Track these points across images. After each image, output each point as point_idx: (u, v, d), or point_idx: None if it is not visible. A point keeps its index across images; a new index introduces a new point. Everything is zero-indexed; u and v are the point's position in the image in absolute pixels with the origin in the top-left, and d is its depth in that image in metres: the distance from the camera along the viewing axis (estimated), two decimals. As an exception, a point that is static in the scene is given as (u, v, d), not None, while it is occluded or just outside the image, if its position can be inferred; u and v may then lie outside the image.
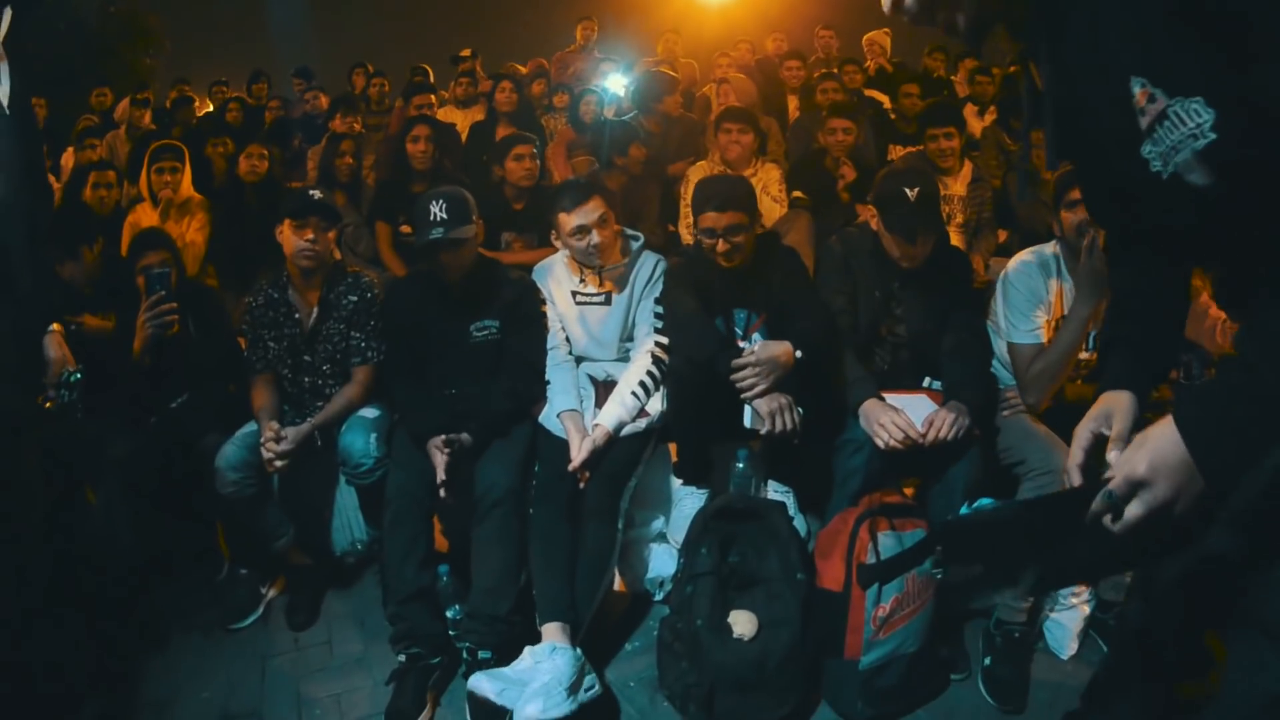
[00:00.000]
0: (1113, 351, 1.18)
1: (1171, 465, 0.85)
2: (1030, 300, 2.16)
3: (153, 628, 2.36)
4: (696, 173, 3.55)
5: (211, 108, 7.22)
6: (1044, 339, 2.14)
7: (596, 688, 1.90)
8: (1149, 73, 0.83)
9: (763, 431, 2.11)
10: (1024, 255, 2.25)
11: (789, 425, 2.08)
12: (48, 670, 1.78)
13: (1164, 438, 0.86)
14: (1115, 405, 1.09)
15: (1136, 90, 0.84)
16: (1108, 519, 0.90)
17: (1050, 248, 2.23)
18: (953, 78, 6.24)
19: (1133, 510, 0.88)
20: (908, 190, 2.12)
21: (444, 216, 2.27)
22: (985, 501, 1.71)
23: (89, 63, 10.77)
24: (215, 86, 7.59)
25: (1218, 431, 0.85)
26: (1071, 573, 1.17)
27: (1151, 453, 0.86)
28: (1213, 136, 0.80)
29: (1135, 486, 0.87)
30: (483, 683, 1.81)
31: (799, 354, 2.11)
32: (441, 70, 6.86)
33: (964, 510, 1.54)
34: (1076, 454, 1.07)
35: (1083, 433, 1.09)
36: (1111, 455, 1.01)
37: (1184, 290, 1.15)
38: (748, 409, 2.12)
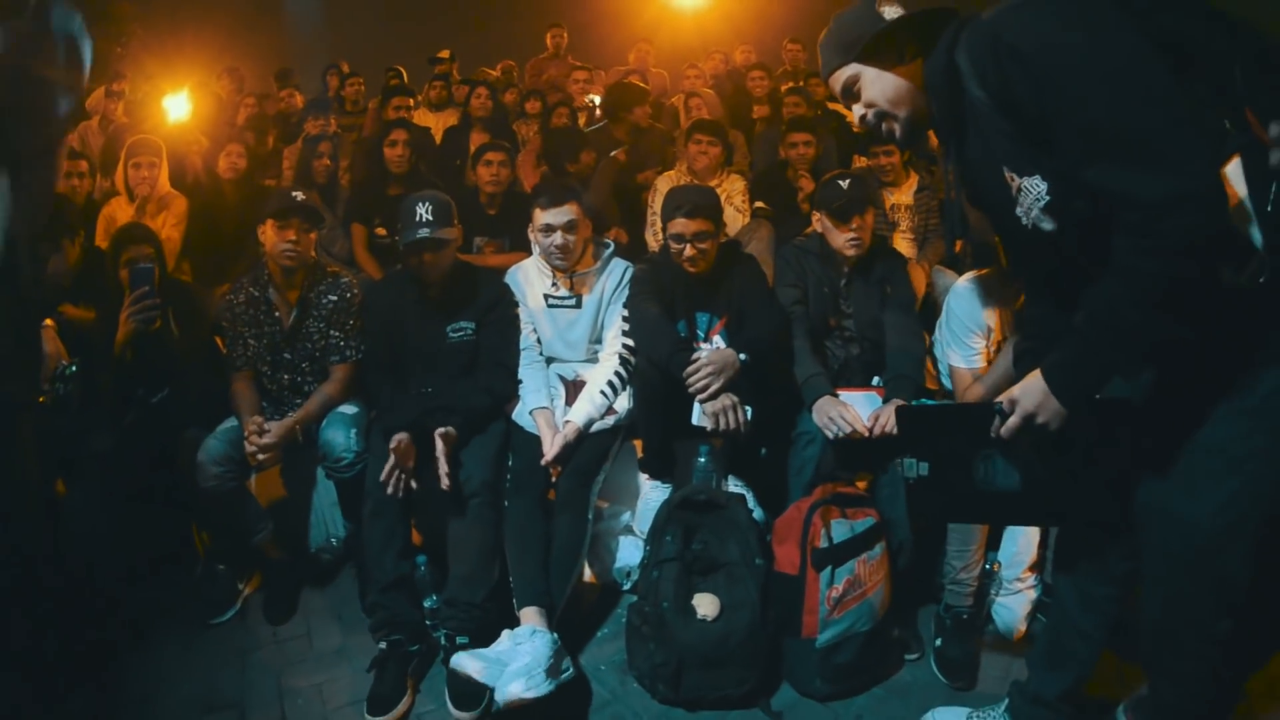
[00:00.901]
0: (1022, 359, 1.63)
1: (1034, 391, 1.35)
2: (968, 327, 2.27)
3: (131, 623, 2.38)
4: (665, 182, 3.66)
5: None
6: (982, 364, 2.26)
7: (571, 670, 2.00)
8: (1009, 163, 1.30)
9: (708, 429, 2.24)
10: (966, 281, 2.33)
11: (733, 424, 2.21)
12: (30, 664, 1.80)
13: (1033, 376, 1.36)
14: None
15: (1006, 173, 1.31)
16: (999, 426, 1.40)
17: (994, 272, 2.31)
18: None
19: (1012, 420, 1.38)
20: (840, 182, 2.45)
21: (430, 217, 2.38)
22: (926, 401, 2.10)
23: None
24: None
25: (1062, 370, 1.33)
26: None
27: (1023, 385, 1.37)
28: (1048, 198, 1.27)
29: (1013, 404, 1.38)
30: (465, 661, 1.89)
31: (743, 358, 2.25)
32: (415, 70, 6.88)
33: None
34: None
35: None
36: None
37: None
38: (696, 407, 2.26)
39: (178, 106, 5.69)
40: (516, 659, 1.87)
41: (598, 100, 5.03)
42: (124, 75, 6.52)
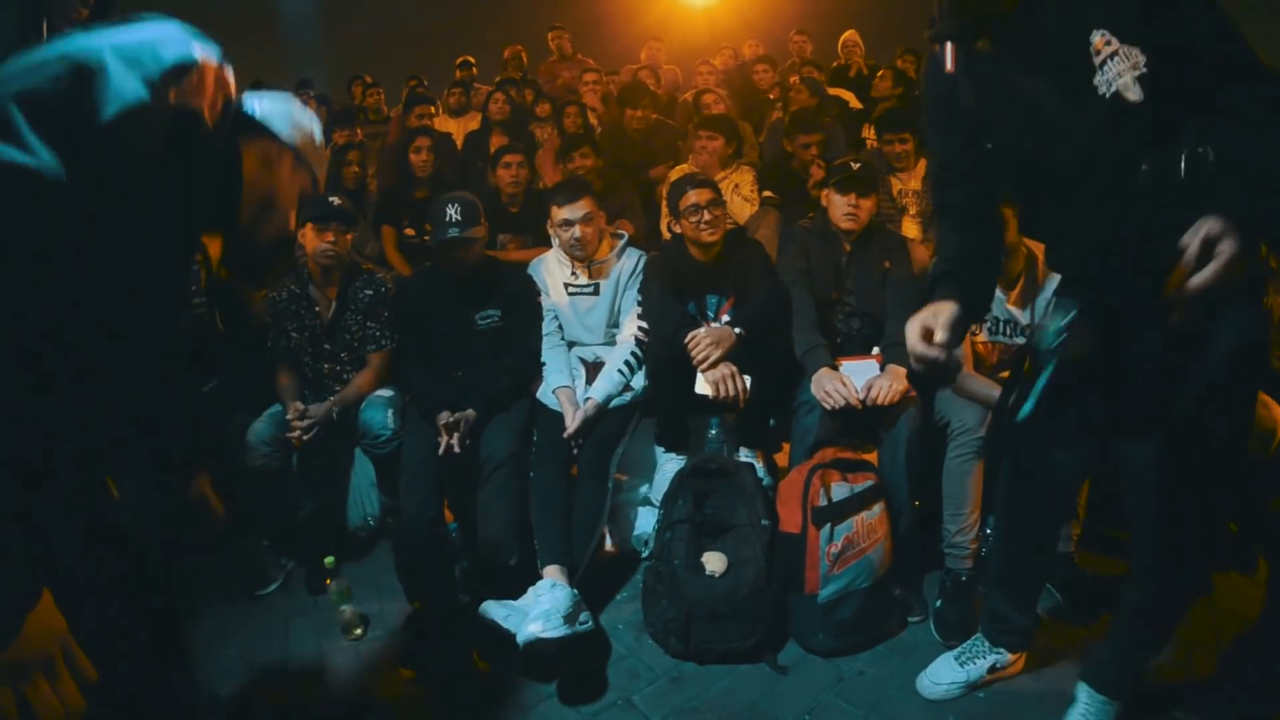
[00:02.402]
0: (944, 279, 1.54)
1: (1230, 225, 1.09)
2: None
3: (181, 598, 2.53)
4: (677, 175, 3.76)
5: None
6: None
7: (590, 623, 2.15)
8: (1109, 26, 1.24)
9: (710, 397, 2.38)
10: None
11: (732, 392, 2.36)
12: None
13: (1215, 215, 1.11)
14: (942, 309, 1.45)
15: (1096, 38, 1.25)
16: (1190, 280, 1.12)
17: None
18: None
19: (1217, 264, 1.09)
20: (852, 164, 2.61)
21: (459, 218, 2.57)
22: None
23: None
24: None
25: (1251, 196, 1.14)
26: None
27: (1219, 218, 1.10)
28: (1145, 69, 1.22)
29: (1211, 243, 1.10)
30: (491, 608, 2.07)
31: (738, 331, 2.41)
32: (436, 76, 7.08)
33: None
34: (913, 340, 1.44)
35: (914, 325, 1.45)
36: (936, 345, 1.41)
37: (999, 238, 1.63)
38: (699, 376, 2.41)
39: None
40: (537, 607, 2.03)
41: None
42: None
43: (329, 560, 2.37)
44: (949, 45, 1.40)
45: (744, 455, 2.56)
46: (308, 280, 2.74)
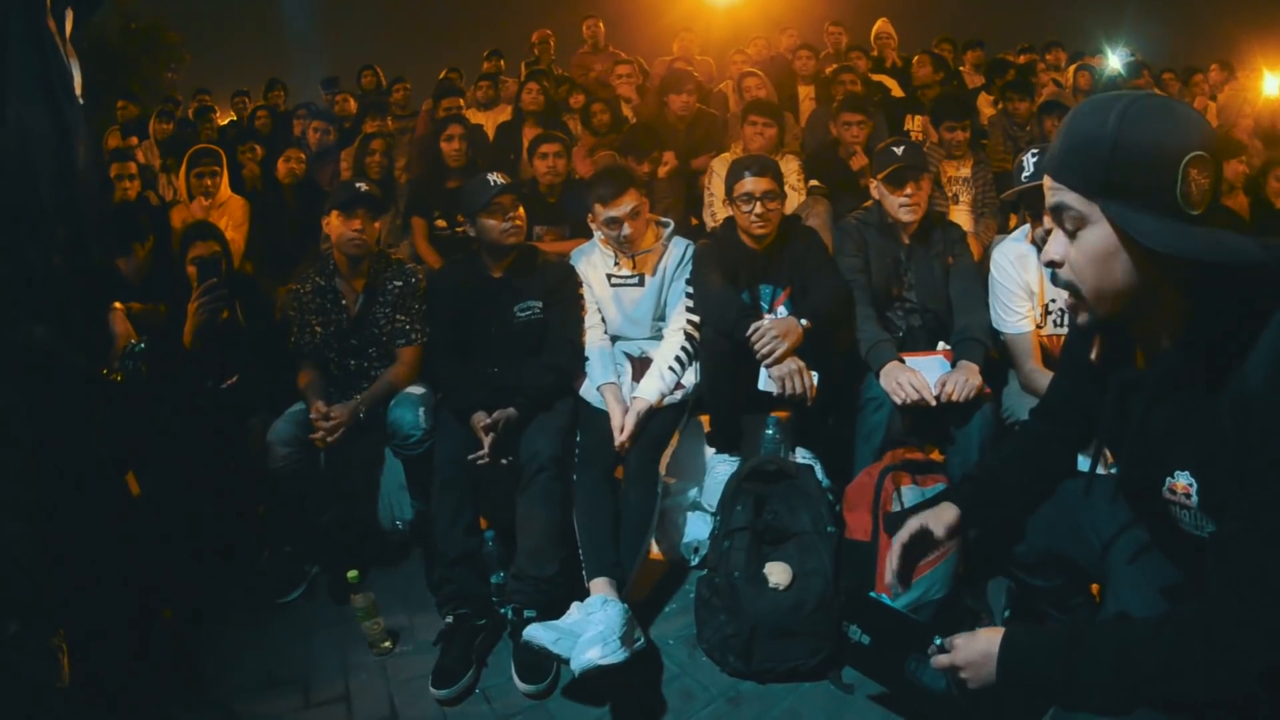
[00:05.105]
0: (971, 480, 1.56)
1: (981, 675, 1.20)
2: (1011, 290, 2.27)
3: (200, 606, 2.42)
4: (721, 164, 3.66)
5: (234, 116, 7.43)
6: (1031, 327, 2.25)
7: (643, 641, 1.98)
8: (1199, 477, 1.07)
9: (775, 394, 2.22)
10: (1005, 245, 2.34)
11: (799, 389, 2.19)
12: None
13: (987, 651, 1.19)
14: (948, 516, 1.49)
15: (1180, 481, 1.09)
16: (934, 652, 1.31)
17: (1028, 236, 2.31)
18: (960, 68, 6.38)
19: (941, 660, 1.28)
20: (895, 149, 2.41)
21: (502, 181, 2.45)
22: (886, 599, 1.91)
23: (113, 79, 11.09)
24: (237, 97, 7.83)
25: (1020, 672, 1.16)
26: None
27: (974, 642, 1.22)
28: (1210, 531, 1.07)
29: (953, 648, 1.26)
30: (538, 633, 1.86)
31: (803, 323, 2.25)
32: (471, 70, 7.03)
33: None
34: (904, 535, 1.51)
35: (914, 523, 1.50)
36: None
37: (1050, 474, 1.50)
38: (763, 372, 2.24)
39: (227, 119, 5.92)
40: (590, 628, 1.84)
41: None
42: (177, 98, 6.80)
43: (352, 575, 2.23)
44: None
45: (802, 456, 2.37)
46: (333, 272, 2.60)
